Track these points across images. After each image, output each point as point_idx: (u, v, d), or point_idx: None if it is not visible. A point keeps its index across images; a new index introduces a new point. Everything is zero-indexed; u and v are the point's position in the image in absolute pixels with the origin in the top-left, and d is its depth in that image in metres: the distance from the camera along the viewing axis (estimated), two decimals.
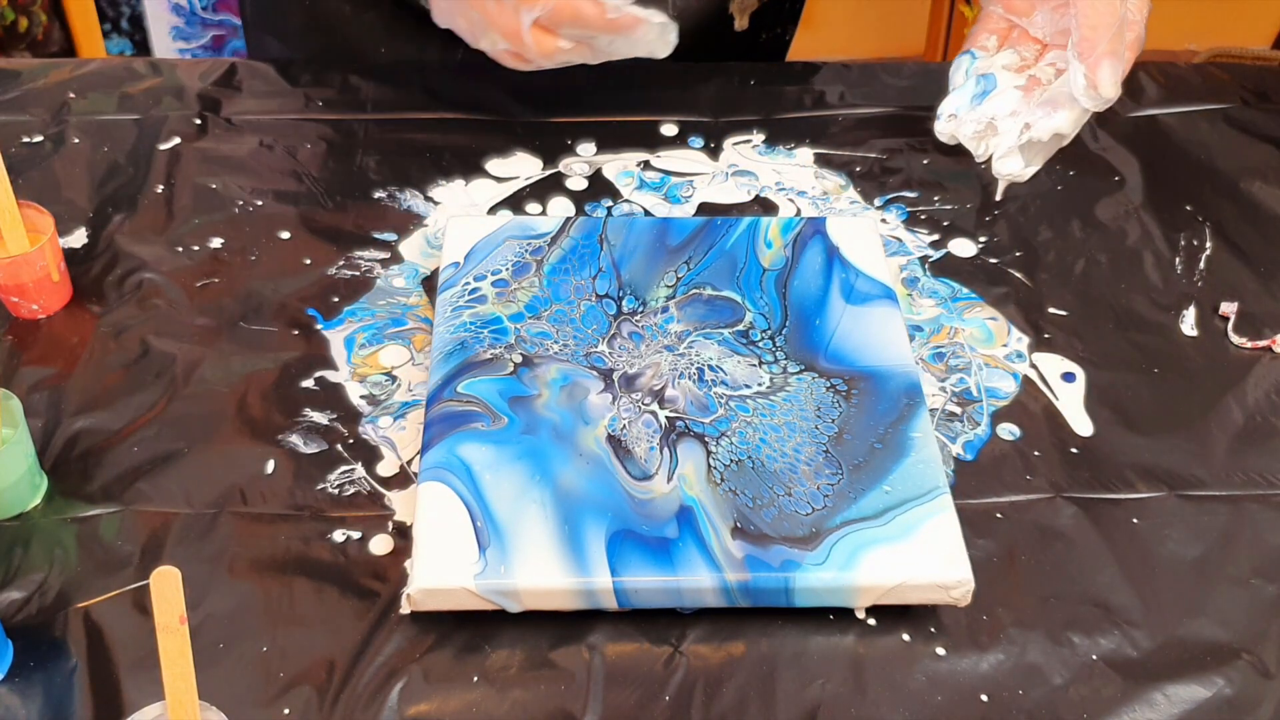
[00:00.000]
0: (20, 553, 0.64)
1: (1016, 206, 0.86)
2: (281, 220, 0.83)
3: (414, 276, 0.79)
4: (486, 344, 0.71)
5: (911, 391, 0.69)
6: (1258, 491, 0.69)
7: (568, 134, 0.90)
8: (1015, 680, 0.61)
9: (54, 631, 0.61)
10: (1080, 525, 0.68)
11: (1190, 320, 0.79)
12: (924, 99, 0.94)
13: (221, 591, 0.63)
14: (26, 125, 0.89)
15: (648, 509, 0.63)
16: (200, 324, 0.76)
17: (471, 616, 0.62)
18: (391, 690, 0.60)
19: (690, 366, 0.70)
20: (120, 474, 0.68)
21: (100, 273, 0.79)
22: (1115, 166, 0.89)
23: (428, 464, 0.65)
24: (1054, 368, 0.76)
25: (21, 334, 0.75)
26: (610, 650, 0.62)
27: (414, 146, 0.88)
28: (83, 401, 0.71)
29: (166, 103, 0.91)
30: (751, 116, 0.92)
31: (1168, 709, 0.60)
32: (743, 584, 0.61)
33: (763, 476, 0.65)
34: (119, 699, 0.59)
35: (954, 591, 0.61)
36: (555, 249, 0.77)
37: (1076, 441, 0.72)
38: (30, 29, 1.75)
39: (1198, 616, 0.64)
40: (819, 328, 0.73)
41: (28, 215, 0.74)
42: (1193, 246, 0.84)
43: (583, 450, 0.66)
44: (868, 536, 0.62)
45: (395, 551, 0.65)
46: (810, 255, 0.77)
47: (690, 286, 0.75)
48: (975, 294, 0.80)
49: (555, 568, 0.61)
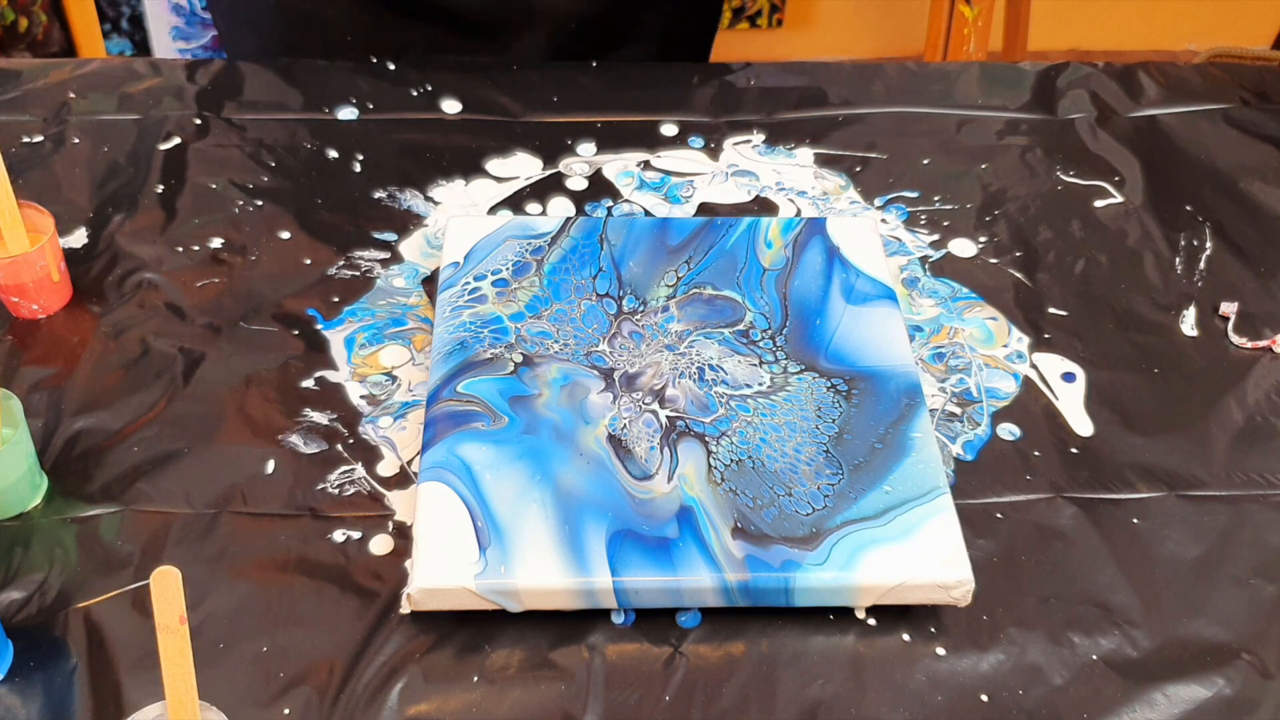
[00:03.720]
0: (20, 553, 0.64)
1: (1016, 206, 0.86)
2: (281, 220, 0.83)
3: (414, 276, 0.79)
4: (487, 344, 0.71)
5: (912, 391, 0.69)
6: (1258, 491, 0.69)
7: (568, 134, 0.90)
8: (1015, 680, 0.61)
9: (54, 631, 0.61)
10: (1080, 525, 0.68)
11: (1190, 320, 0.79)
12: (924, 99, 0.94)
13: (221, 591, 0.63)
14: (26, 125, 0.89)
15: (648, 509, 0.63)
16: (200, 324, 0.76)
17: (471, 616, 0.62)
18: (391, 690, 0.60)
19: (691, 366, 0.70)
20: (120, 474, 0.68)
21: (100, 273, 0.79)
22: (1115, 166, 0.89)
23: (428, 464, 0.65)
24: (1054, 368, 0.76)
25: (21, 334, 0.75)
26: (610, 650, 0.62)
27: (414, 146, 0.88)
28: (83, 401, 0.71)
29: (166, 103, 0.91)
30: (751, 116, 0.92)
31: (1168, 709, 0.60)
32: (743, 584, 0.61)
33: (763, 476, 0.65)
34: (119, 699, 0.59)
35: (954, 591, 0.61)
36: (555, 249, 0.77)
37: (1076, 441, 0.72)
38: (30, 29, 1.75)
39: (1198, 616, 0.64)
40: (819, 328, 0.73)
41: (28, 215, 0.74)
42: (1193, 246, 0.84)
43: (583, 450, 0.66)
44: (868, 536, 0.62)
45: (395, 551, 0.65)
46: (810, 255, 0.77)
47: (691, 286, 0.75)
48: (975, 294, 0.80)
49: (555, 568, 0.61)
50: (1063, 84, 0.96)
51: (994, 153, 0.90)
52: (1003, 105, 0.94)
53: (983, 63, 0.98)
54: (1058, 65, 0.97)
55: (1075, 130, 0.92)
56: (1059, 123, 0.93)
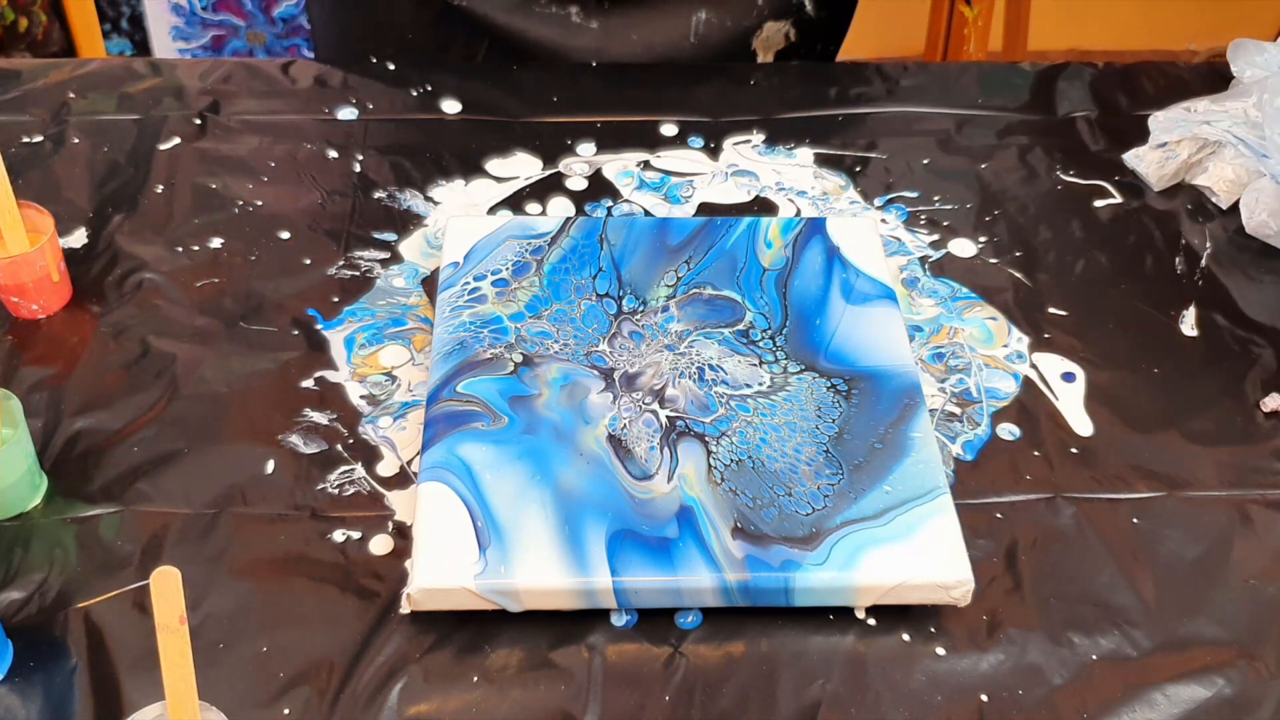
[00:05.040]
0: (20, 553, 0.64)
1: (1016, 206, 0.86)
2: (281, 220, 0.83)
3: (414, 276, 0.79)
4: (486, 344, 0.71)
5: (912, 392, 0.69)
6: (1258, 492, 0.69)
7: (568, 134, 0.90)
8: (1015, 680, 0.61)
9: (54, 631, 0.61)
10: (1080, 525, 0.68)
11: (1190, 320, 0.79)
12: (924, 99, 0.94)
13: (221, 591, 0.63)
14: (26, 125, 0.89)
15: (648, 509, 0.63)
16: (200, 324, 0.76)
17: (471, 616, 0.62)
18: (391, 690, 0.60)
19: (691, 366, 0.70)
20: (120, 474, 0.68)
21: (100, 273, 0.79)
22: (1115, 166, 0.89)
23: (428, 464, 0.65)
24: (1054, 368, 0.76)
25: (21, 334, 0.75)
26: (610, 650, 0.62)
27: (414, 146, 0.88)
28: (83, 401, 0.71)
29: (166, 103, 0.91)
30: (751, 116, 0.92)
31: (1168, 709, 0.60)
32: (743, 584, 0.61)
33: (763, 476, 0.65)
34: (119, 699, 0.59)
35: (954, 591, 0.61)
36: (555, 249, 0.77)
37: (1076, 441, 0.72)
38: (30, 29, 1.75)
39: (1198, 616, 0.64)
40: (819, 328, 0.73)
41: (28, 215, 0.74)
42: (1193, 246, 0.84)
43: (583, 450, 0.66)
44: (868, 536, 0.62)
45: (395, 551, 0.65)
46: (810, 255, 0.77)
47: (690, 286, 0.75)
48: (975, 294, 0.80)
49: (555, 568, 0.61)
50: (1063, 84, 0.95)
51: (994, 153, 0.90)
52: (1003, 105, 0.94)
53: (983, 63, 0.99)
54: (1058, 65, 0.97)
55: (1075, 130, 0.92)
56: (1059, 123, 0.93)
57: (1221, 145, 0.85)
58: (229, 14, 1.88)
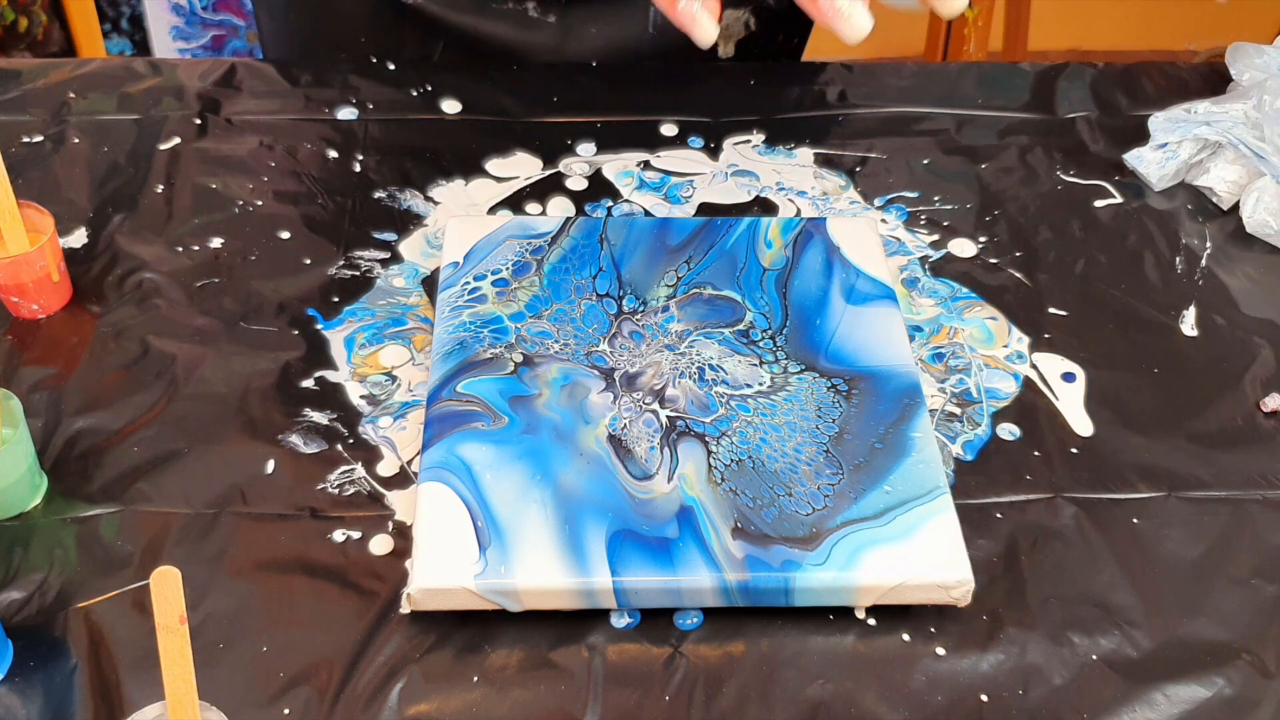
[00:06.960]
0: (20, 553, 0.64)
1: (1016, 206, 0.86)
2: (281, 220, 0.83)
3: (414, 276, 0.79)
4: (486, 343, 0.71)
5: (912, 392, 0.69)
6: (1258, 492, 0.69)
7: (568, 134, 0.90)
8: (1015, 680, 0.61)
9: (54, 631, 0.61)
10: (1080, 525, 0.68)
11: (1190, 320, 0.79)
12: (924, 99, 0.94)
13: (221, 591, 0.63)
14: (26, 125, 0.89)
15: (648, 509, 0.63)
16: (200, 324, 0.76)
17: (471, 616, 0.62)
18: (391, 690, 0.60)
19: (691, 366, 0.70)
20: (120, 474, 0.68)
21: (100, 273, 0.79)
22: (1115, 166, 0.89)
23: (428, 464, 0.65)
24: (1054, 368, 0.76)
25: (21, 334, 0.75)
26: (610, 650, 0.62)
27: (414, 146, 0.88)
28: (83, 401, 0.71)
29: (166, 103, 0.91)
30: (751, 116, 0.92)
31: (1168, 709, 0.60)
32: (743, 584, 0.61)
33: (763, 476, 0.65)
34: (119, 699, 0.59)
35: (954, 591, 0.61)
36: (555, 249, 0.77)
37: (1076, 441, 0.72)
38: (30, 29, 1.75)
39: (1198, 616, 0.64)
40: (819, 328, 0.73)
41: (28, 215, 0.74)
42: (1193, 246, 0.84)
43: (583, 450, 0.66)
44: (868, 536, 0.62)
45: (395, 551, 0.65)
46: (810, 255, 0.77)
47: (691, 286, 0.75)
48: (975, 294, 0.80)
49: (555, 568, 0.61)
50: (1063, 84, 0.95)
51: (994, 153, 0.90)
52: (1003, 105, 0.94)
53: (983, 63, 0.99)
54: (1058, 65, 0.97)
55: (1075, 130, 0.92)
56: (1059, 123, 0.93)
57: (1222, 146, 0.85)
58: (229, 14, 1.88)
